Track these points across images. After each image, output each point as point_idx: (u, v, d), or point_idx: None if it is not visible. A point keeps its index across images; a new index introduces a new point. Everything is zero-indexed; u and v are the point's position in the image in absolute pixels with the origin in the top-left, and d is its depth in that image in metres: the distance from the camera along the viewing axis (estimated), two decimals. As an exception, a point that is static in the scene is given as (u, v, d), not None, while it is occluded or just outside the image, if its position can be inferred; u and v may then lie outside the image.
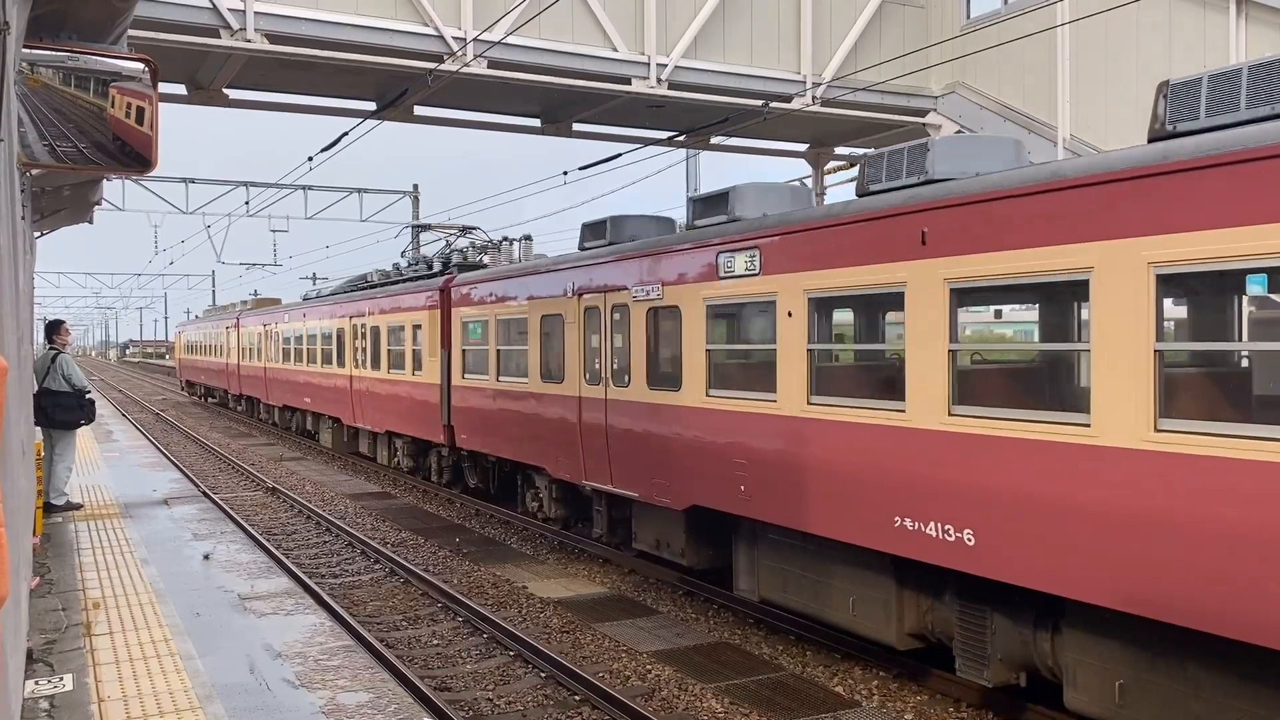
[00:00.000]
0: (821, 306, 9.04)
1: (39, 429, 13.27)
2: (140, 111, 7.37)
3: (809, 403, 8.91)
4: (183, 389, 54.25)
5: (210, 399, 46.39)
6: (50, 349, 14.04)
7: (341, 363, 23.33)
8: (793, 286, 9.09)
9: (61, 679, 6.90)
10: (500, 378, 15.12)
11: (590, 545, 13.95)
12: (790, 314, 9.06)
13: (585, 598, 11.87)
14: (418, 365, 18.45)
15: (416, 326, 18.56)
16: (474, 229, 20.23)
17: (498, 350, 15.18)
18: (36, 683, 6.80)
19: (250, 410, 36.23)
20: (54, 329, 14.56)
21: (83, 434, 16.18)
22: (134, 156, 7.48)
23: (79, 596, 9.15)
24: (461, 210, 72.43)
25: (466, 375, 16.42)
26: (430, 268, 19.84)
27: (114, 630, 8.10)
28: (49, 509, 13.02)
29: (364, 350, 21.75)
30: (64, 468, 13.68)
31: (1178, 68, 15.70)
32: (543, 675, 9.13)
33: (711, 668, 9.34)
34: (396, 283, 20.91)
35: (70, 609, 8.72)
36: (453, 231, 20.83)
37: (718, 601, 11.31)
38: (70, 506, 13.61)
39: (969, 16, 19.56)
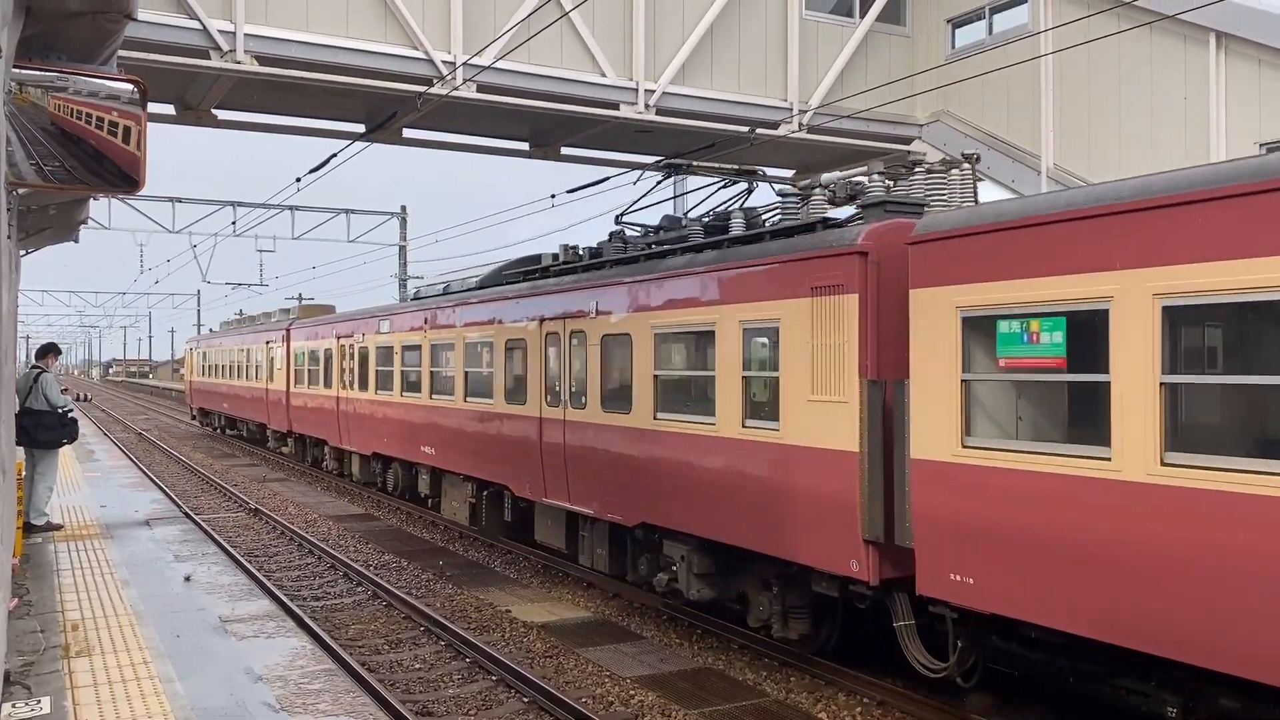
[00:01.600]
0: None
1: (20, 448, 13.19)
2: (128, 131, 7.39)
3: None
4: (193, 417, 43.45)
5: (230, 431, 37.10)
6: (33, 368, 13.98)
7: (518, 397, 13.89)
8: None
9: (39, 702, 6.83)
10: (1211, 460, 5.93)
11: (575, 569, 13.91)
12: None
13: (569, 622, 11.82)
14: (759, 411, 9.58)
15: (756, 333, 9.64)
16: (753, 170, 12.22)
17: (1168, 385, 6.16)
18: (14, 705, 6.73)
19: (301, 452, 27.00)
20: (46, 351, 14.57)
21: (64, 453, 16.07)
22: (122, 176, 7.50)
23: (58, 618, 9.07)
24: (448, 232, 72.42)
25: (974, 440, 7.40)
26: (701, 233, 11.34)
27: (93, 653, 8.03)
28: (29, 529, 12.91)
29: (579, 375, 12.49)
30: (45, 488, 13.59)
31: (1159, 98, 15.91)
32: (525, 700, 9.08)
33: (695, 694, 9.31)
34: (667, 253, 11.32)
35: (49, 631, 8.64)
36: (717, 179, 12.17)
37: (702, 627, 11.28)
38: (50, 527, 13.51)
39: (954, 46, 19.80)
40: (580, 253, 13.68)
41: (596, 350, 12.04)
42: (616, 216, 12.90)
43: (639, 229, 12.80)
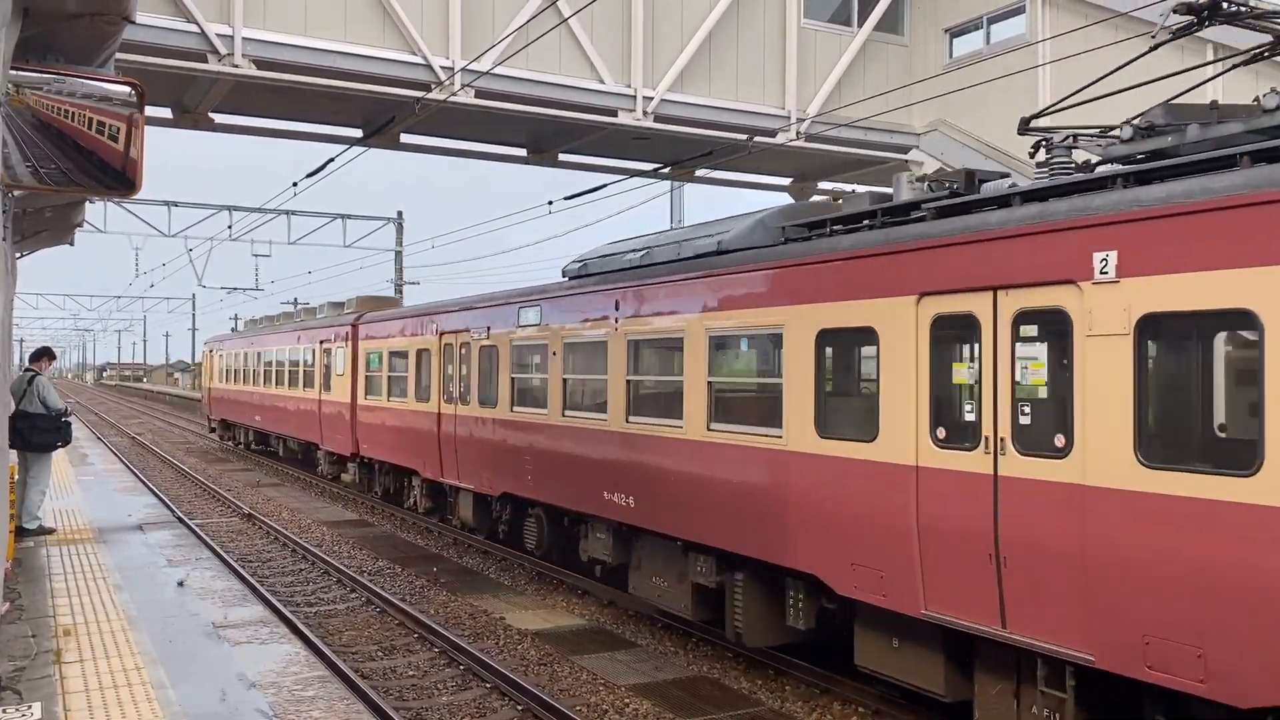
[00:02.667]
0: None
1: (13, 451, 13.13)
2: (125, 134, 7.37)
3: None
4: (211, 430, 37.30)
5: (257, 448, 31.70)
6: (27, 371, 13.93)
7: (852, 428, 8.39)
8: None
9: (30, 707, 6.78)
10: None
11: (569, 576, 13.87)
12: None
13: (563, 629, 11.78)
14: None
15: None
16: None
17: None
18: (4, 711, 6.68)
19: (368, 482, 21.04)
20: (41, 354, 14.54)
21: (57, 457, 16.01)
22: (118, 179, 7.47)
23: (50, 623, 9.01)
24: (444, 239, 72.49)
25: None
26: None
27: (85, 658, 7.97)
28: (21, 533, 12.85)
29: (1040, 395, 6.98)
30: (38, 491, 13.52)
31: (1156, 110, 15.94)
32: (519, 708, 9.04)
33: (690, 702, 9.27)
34: None
35: (41, 635, 8.59)
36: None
37: (697, 635, 11.25)
38: (43, 531, 13.44)
39: (951, 56, 19.83)
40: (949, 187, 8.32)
41: (1116, 347, 6.23)
42: (1025, 121, 8.20)
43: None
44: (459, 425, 15.68)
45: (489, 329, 14.86)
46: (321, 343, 23.09)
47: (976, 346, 7.26)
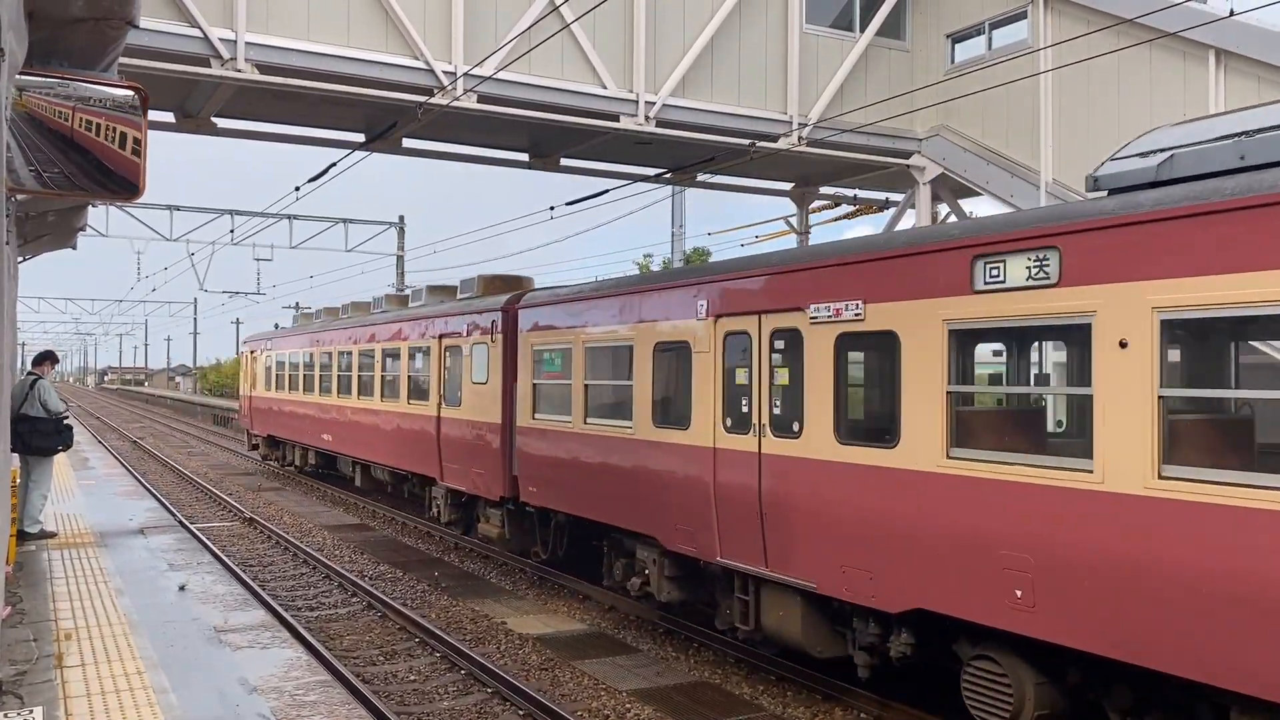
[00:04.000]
0: None
1: (15, 455, 13.14)
2: (129, 138, 7.38)
3: None
4: (254, 447, 30.37)
5: (318, 470, 25.44)
6: (29, 374, 13.93)
7: None
8: None
9: (31, 712, 6.77)
10: None
11: (570, 581, 13.87)
12: None
13: (565, 634, 11.77)
14: None
15: None
16: None
17: None
18: (5, 715, 6.67)
19: (522, 539, 14.49)
20: (43, 358, 14.55)
21: (59, 461, 16.01)
22: (121, 183, 7.48)
23: (51, 627, 9.01)
24: (446, 244, 72.64)
25: None
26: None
27: (86, 662, 7.97)
28: (23, 537, 12.85)
29: None
30: (39, 495, 13.53)
31: (1159, 115, 15.94)
32: (521, 713, 9.03)
33: (692, 708, 9.26)
34: None
35: (42, 639, 8.58)
36: None
37: (698, 640, 11.23)
38: (44, 534, 13.44)
39: (953, 61, 19.84)
40: None
41: None
42: None
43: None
44: (770, 474, 9.13)
45: (861, 302, 8.19)
46: (442, 338, 16.68)
47: None
